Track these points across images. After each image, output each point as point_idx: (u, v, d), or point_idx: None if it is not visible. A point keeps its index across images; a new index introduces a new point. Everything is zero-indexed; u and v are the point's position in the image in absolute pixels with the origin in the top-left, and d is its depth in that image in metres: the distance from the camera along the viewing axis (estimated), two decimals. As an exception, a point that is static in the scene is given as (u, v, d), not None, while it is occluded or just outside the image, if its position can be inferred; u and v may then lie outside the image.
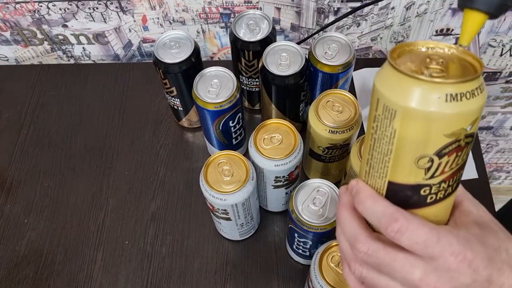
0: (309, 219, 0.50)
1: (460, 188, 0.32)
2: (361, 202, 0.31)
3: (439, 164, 0.26)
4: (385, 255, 0.30)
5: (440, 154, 0.26)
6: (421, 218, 0.29)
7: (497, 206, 0.77)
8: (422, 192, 0.28)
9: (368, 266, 0.32)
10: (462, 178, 0.38)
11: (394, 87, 0.26)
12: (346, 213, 0.33)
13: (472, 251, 0.29)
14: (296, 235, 0.53)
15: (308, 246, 0.55)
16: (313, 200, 0.51)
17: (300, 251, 0.57)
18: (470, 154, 0.67)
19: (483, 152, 0.86)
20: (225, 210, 0.53)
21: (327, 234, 0.50)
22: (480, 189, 0.66)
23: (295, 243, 0.56)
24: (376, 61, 0.80)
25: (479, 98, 0.25)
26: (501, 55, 0.82)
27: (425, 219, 0.29)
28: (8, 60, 0.86)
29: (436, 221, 0.30)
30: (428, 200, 0.29)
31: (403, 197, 0.29)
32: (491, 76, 0.87)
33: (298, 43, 0.61)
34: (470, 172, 0.66)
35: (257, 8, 0.74)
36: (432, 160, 0.26)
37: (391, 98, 0.26)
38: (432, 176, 0.27)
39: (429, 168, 0.27)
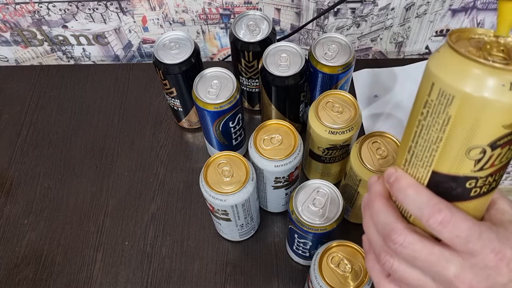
0: (309, 220, 0.50)
1: (505, 201, 0.32)
2: (401, 190, 0.30)
3: (491, 157, 0.25)
4: (422, 248, 0.29)
5: (494, 145, 0.25)
6: (464, 212, 0.28)
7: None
8: (467, 185, 0.27)
9: (400, 259, 0.31)
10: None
11: (454, 71, 0.25)
12: (380, 203, 0.32)
13: (511, 250, 0.28)
14: (296, 235, 0.53)
15: (308, 247, 0.55)
16: (313, 200, 0.51)
17: (300, 251, 0.57)
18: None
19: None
20: (225, 211, 0.53)
21: (327, 235, 0.50)
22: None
23: (295, 244, 0.56)
24: (376, 62, 0.81)
25: None
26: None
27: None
28: (8, 61, 0.86)
29: (474, 216, 0.29)
30: (472, 194, 0.27)
31: (446, 188, 0.28)
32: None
33: (279, 40, 0.60)
34: None
35: (257, 9, 0.74)
36: (484, 152, 0.25)
37: (450, 82, 0.25)
38: (481, 169, 0.26)
39: (479, 160, 0.25)
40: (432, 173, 0.28)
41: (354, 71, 0.66)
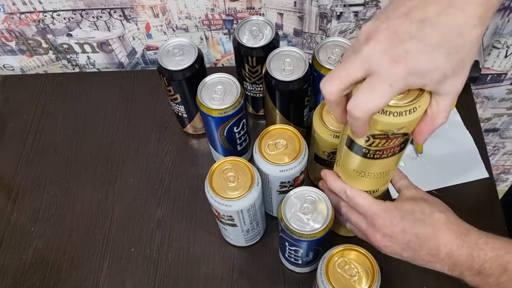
0: (298, 228, 0.49)
1: (409, 189, 0.48)
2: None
3: (373, 142, 0.40)
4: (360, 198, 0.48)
5: (374, 136, 0.40)
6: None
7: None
8: (364, 150, 0.42)
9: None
10: (473, 179, 0.66)
11: None
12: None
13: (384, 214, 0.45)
14: (286, 243, 0.53)
15: (299, 255, 0.54)
16: (302, 208, 0.50)
17: (292, 259, 0.56)
18: (479, 155, 0.69)
19: (489, 154, 0.85)
20: (230, 216, 0.53)
21: (318, 242, 0.50)
22: (489, 188, 0.65)
23: (287, 252, 0.55)
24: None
25: (402, 117, 0.37)
26: (506, 56, 0.81)
27: (364, 166, 0.44)
28: (13, 69, 0.87)
29: (375, 173, 0.45)
30: (368, 156, 0.43)
31: (356, 147, 0.43)
32: (496, 78, 0.87)
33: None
34: (480, 172, 0.67)
35: (260, 14, 0.74)
36: (369, 138, 0.40)
37: None
38: (370, 145, 0.41)
39: (367, 140, 0.41)
40: (348, 137, 0.44)
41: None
